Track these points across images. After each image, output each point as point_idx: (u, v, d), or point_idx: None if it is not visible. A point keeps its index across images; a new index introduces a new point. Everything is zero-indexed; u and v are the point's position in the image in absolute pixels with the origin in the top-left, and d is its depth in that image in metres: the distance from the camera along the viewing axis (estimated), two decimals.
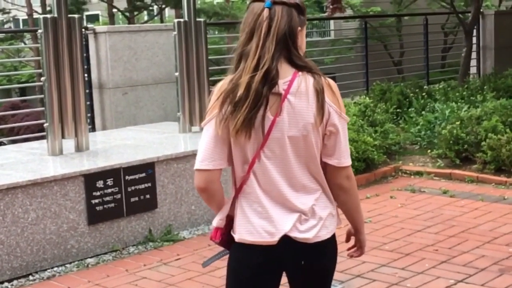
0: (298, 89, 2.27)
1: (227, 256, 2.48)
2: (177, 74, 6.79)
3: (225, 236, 2.44)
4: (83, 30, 7.37)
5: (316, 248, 2.39)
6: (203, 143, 2.33)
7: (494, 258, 4.90)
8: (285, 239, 2.34)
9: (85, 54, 7.23)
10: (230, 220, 2.44)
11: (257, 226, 2.34)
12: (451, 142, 7.60)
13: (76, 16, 6.00)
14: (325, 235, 2.39)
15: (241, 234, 2.37)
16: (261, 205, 2.35)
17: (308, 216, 2.37)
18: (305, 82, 2.29)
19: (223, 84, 2.30)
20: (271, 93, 2.26)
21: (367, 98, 9.41)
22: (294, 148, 2.33)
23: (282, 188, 2.35)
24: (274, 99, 2.27)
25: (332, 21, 21.56)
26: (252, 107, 2.24)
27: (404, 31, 18.53)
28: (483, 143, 7.27)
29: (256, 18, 2.26)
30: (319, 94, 2.30)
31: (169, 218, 5.72)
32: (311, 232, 2.36)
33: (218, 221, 2.45)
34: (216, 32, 23.50)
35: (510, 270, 4.65)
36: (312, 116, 2.30)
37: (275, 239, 2.34)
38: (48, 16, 5.79)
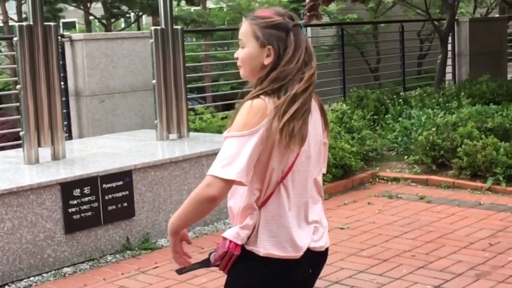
0: (312, 102, 2.34)
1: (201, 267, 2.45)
2: (154, 81, 6.77)
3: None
4: (59, 37, 7.33)
5: (323, 256, 2.48)
6: (245, 152, 2.19)
7: (471, 263, 4.94)
8: (306, 251, 2.38)
9: (61, 62, 7.20)
10: None
11: (283, 240, 2.32)
12: (427, 148, 7.66)
13: (52, 23, 5.96)
14: (328, 242, 2.48)
15: (266, 248, 2.32)
16: (287, 218, 2.33)
17: (318, 226, 2.43)
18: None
19: (261, 103, 2.24)
20: None
21: (344, 104, 9.46)
22: (314, 158, 2.39)
23: (307, 200, 2.40)
24: None
25: (309, 28, 21.64)
26: (306, 120, 2.28)
27: (381, 38, 18.66)
28: (459, 149, 7.34)
29: (296, 39, 2.27)
30: (323, 108, 2.43)
31: (146, 226, 5.69)
32: (322, 241, 2.43)
33: (243, 237, 2.33)
34: (194, 40, 23.49)
35: (486, 275, 4.70)
36: (321, 128, 2.42)
37: (299, 254, 2.35)
38: (24, 23, 5.75)
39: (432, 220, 6.07)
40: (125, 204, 5.51)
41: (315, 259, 2.43)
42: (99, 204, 5.34)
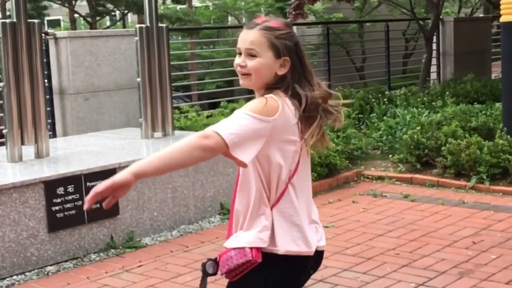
0: None
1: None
2: (139, 79, 6.75)
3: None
4: (43, 35, 7.29)
5: (322, 256, 2.52)
6: (249, 130, 2.20)
7: (454, 261, 4.96)
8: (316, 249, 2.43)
9: (45, 60, 7.16)
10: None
11: (297, 238, 2.36)
12: (412, 147, 7.69)
13: (36, 21, 5.92)
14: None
15: (284, 246, 2.34)
16: (298, 217, 2.37)
17: (318, 226, 2.49)
18: None
19: (275, 101, 2.29)
20: None
21: None
22: (308, 158, 2.45)
23: (310, 199, 2.46)
24: None
25: (294, 27, 21.65)
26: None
27: (366, 37, 18.71)
28: (443, 147, 7.37)
29: (303, 50, 2.40)
30: None
31: (131, 225, 5.67)
32: (322, 241, 2.48)
33: (266, 240, 2.33)
34: (179, 38, 23.45)
35: (469, 273, 4.72)
36: None
37: (313, 250, 2.40)
38: (7, 21, 5.71)
39: (416, 218, 6.09)
40: None
41: (317, 259, 2.49)
42: (83, 203, 5.28)
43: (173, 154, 2.15)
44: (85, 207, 2.18)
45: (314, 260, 2.46)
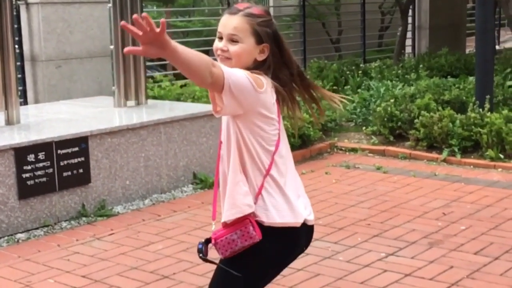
0: None
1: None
2: (112, 47, 6.67)
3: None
4: (14, 0, 7.15)
5: (312, 231, 2.53)
6: (243, 82, 2.25)
7: (424, 232, 5.01)
8: (303, 222, 2.44)
9: (16, 26, 7.04)
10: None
11: (283, 210, 2.38)
12: (385, 119, 7.72)
13: None
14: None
15: (284, 218, 2.38)
16: (285, 190, 2.41)
17: (306, 201, 2.51)
18: None
19: (260, 79, 2.35)
20: None
21: None
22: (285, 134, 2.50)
23: (296, 174, 2.50)
24: None
25: None
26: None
27: (343, 9, 18.65)
28: (416, 120, 7.41)
29: (281, 36, 2.45)
30: None
31: (103, 193, 5.64)
32: (312, 215, 2.50)
33: (248, 206, 2.35)
34: (154, 7, 23.18)
35: (439, 243, 4.77)
36: None
37: (299, 221, 2.41)
38: None
39: (388, 190, 6.14)
40: (81, 171, 5.44)
41: (309, 234, 2.51)
42: (54, 170, 5.26)
43: (194, 54, 2.15)
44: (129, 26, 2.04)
45: (306, 235, 2.48)
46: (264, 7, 2.45)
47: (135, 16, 1.99)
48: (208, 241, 2.45)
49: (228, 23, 2.36)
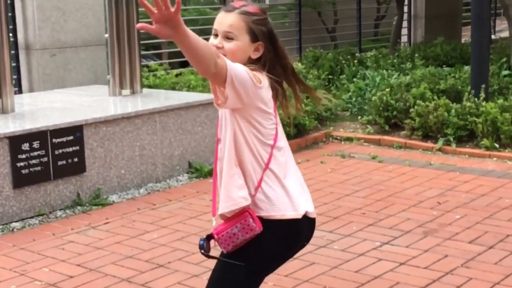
0: None
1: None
2: (107, 36, 6.64)
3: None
4: None
5: (314, 225, 2.52)
6: (244, 76, 2.27)
7: (419, 221, 5.02)
8: (305, 215, 2.43)
9: (10, 14, 7.00)
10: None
11: (283, 202, 2.39)
12: (380, 108, 7.72)
13: None
14: None
15: (285, 210, 2.39)
16: (285, 183, 2.41)
17: (306, 193, 2.50)
18: None
19: (258, 73, 2.38)
20: None
21: (300, 64, 9.43)
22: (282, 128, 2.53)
23: (297, 168, 2.50)
24: None
25: None
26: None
27: None
28: (411, 109, 7.41)
29: (275, 34, 2.49)
30: None
31: (98, 182, 5.63)
32: (312, 207, 2.49)
33: (243, 198, 2.36)
34: None
35: (433, 232, 4.78)
36: None
37: (300, 213, 2.41)
38: None
39: (383, 179, 6.14)
40: (76, 160, 5.43)
41: (312, 227, 2.50)
42: (48, 159, 5.25)
43: (202, 42, 2.15)
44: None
45: (308, 228, 2.48)
46: (260, 6, 2.48)
47: None
48: (209, 237, 2.46)
49: (224, 20, 2.38)
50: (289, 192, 2.40)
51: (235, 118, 2.34)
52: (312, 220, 2.50)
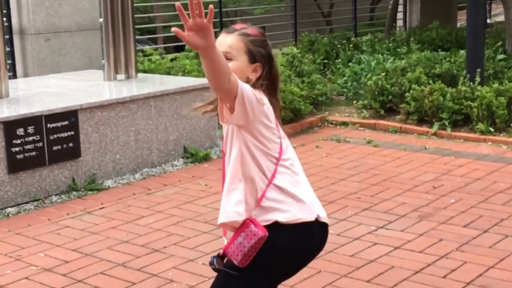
0: None
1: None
2: (101, 20, 6.61)
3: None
4: None
5: (326, 232, 2.51)
6: (250, 93, 2.31)
7: (414, 205, 5.04)
8: (317, 219, 2.44)
9: None
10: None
11: (306, 204, 2.41)
12: (376, 93, 7.71)
13: None
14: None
15: (296, 214, 2.40)
16: (290, 192, 2.42)
17: (316, 200, 2.50)
18: None
19: (258, 92, 2.43)
20: None
21: (295, 48, 9.42)
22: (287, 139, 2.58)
23: (305, 178, 2.51)
24: None
25: None
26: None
27: None
28: (406, 94, 7.41)
29: (273, 57, 2.54)
30: None
31: (93, 167, 5.63)
32: (324, 212, 2.50)
33: (236, 213, 2.38)
34: None
35: (428, 217, 4.80)
36: None
37: (313, 215, 2.42)
38: None
39: (379, 163, 6.15)
40: (71, 145, 5.42)
41: (323, 234, 2.51)
42: (43, 144, 5.24)
43: (223, 57, 2.21)
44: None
45: (319, 234, 2.48)
46: (260, 29, 2.54)
47: (190, 1, 2.02)
48: (221, 256, 2.47)
49: (224, 41, 2.44)
50: (299, 198, 2.43)
51: (241, 133, 2.39)
52: (324, 226, 2.51)
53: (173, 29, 2.10)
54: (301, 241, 2.42)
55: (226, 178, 2.43)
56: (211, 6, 2.05)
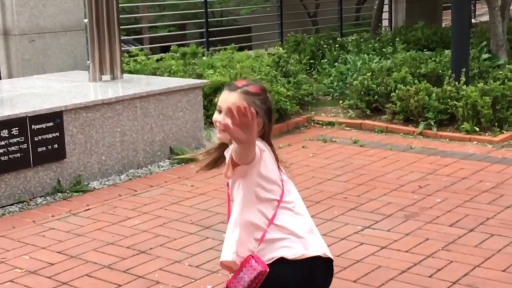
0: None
1: None
2: (86, 21, 6.58)
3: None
4: None
5: (331, 268, 2.60)
6: (258, 154, 2.43)
7: (400, 204, 5.05)
8: (319, 256, 2.51)
9: None
10: None
11: (307, 241, 2.48)
12: (362, 93, 7.73)
13: None
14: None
15: (297, 251, 2.46)
16: (294, 230, 2.49)
17: (319, 238, 2.58)
18: None
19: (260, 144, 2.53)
20: None
21: (281, 49, 9.41)
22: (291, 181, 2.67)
23: (308, 216, 2.58)
24: None
25: None
26: None
27: None
28: (392, 94, 7.43)
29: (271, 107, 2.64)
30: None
31: (78, 169, 5.59)
32: (327, 249, 2.58)
33: (234, 253, 2.46)
34: None
35: (414, 216, 4.81)
36: None
37: (311, 252, 2.48)
38: None
39: (365, 163, 6.16)
40: (56, 146, 5.39)
41: (327, 270, 2.58)
42: (28, 146, 5.20)
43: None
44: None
45: (322, 270, 2.55)
46: (261, 85, 2.63)
47: (236, 106, 2.20)
48: None
49: (227, 98, 2.53)
50: (299, 235, 2.49)
51: (244, 181, 2.47)
52: (328, 262, 2.58)
53: (223, 123, 2.32)
54: (303, 276, 2.48)
55: (231, 219, 2.52)
56: (252, 111, 2.21)
